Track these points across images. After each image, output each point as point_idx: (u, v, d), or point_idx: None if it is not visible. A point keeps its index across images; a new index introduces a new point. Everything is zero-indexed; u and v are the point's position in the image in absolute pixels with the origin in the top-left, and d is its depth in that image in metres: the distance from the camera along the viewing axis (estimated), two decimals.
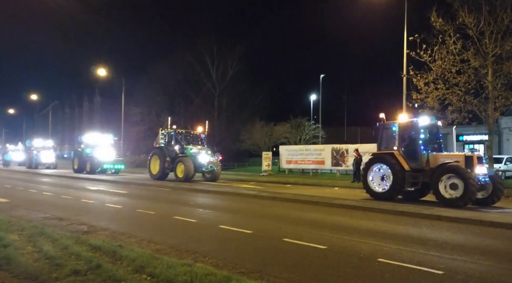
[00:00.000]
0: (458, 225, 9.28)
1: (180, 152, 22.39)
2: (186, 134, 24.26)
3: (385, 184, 13.35)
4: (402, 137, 13.69)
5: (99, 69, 41.98)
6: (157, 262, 5.38)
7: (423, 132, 13.45)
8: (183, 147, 22.63)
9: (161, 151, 22.92)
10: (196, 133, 24.53)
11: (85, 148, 30.14)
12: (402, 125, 13.72)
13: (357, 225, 9.24)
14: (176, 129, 23.84)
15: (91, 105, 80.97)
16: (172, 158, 22.33)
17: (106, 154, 28.88)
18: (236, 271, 5.32)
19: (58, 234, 7.11)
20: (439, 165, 12.52)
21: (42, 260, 5.57)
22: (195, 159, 21.66)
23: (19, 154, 44.62)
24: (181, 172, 21.17)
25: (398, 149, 13.32)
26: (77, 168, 29.75)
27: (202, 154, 22.01)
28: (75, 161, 30.43)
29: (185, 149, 22.42)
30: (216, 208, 12.20)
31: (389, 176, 13.20)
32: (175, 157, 22.22)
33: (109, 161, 28.89)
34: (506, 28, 17.24)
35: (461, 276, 5.38)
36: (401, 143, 13.56)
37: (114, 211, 11.26)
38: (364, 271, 5.56)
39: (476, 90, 18.30)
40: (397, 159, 13.06)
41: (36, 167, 35.66)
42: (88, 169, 28.58)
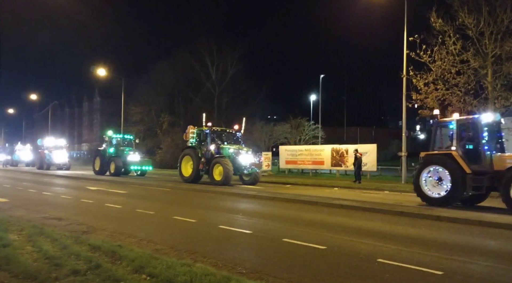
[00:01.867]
0: (457, 226, 9.29)
1: (215, 152, 20.30)
2: (221, 132, 21.87)
3: (441, 188, 11.96)
4: (460, 136, 12.24)
5: (98, 69, 41.97)
6: (156, 262, 5.38)
7: (486, 130, 12.00)
8: (219, 146, 20.53)
9: (194, 151, 20.71)
10: (232, 131, 22.16)
11: (108, 148, 27.69)
12: (461, 123, 12.33)
13: (357, 226, 9.24)
14: (211, 127, 21.33)
15: (91, 105, 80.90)
16: (207, 159, 20.21)
17: (132, 154, 26.82)
18: (236, 271, 5.32)
19: (58, 234, 7.11)
20: (509, 167, 11.06)
21: (41, 260, 5.56)
22: (235, 160, 19.56)
23: (27, 154, 42.94)
24: (219, 174, 19.10)
25: (456, 149, 11.92)
26: (98, 169, 27.34)
27: (242, 155, 19.89)
28: (97, 161, 27.88)
29: (222, 148, 20.36)
30: (216, 208, 12.19)
31: (446, 180, 11.84)
32: (210, 158, 20.06)
33: (136, 162, 26.70)
34: (505, 28, 17.29)
35: (461, 277, 5.38)
36: (459, 142, 12.14)
37: (113, 211, 11.26)
38: (363, 271, 5.56)
39: (476, 91, 18.35)
40: (456, 161, 11.68)
41: (47, 168, 33.48)
42: (112, 171, 26.14)
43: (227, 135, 21.82)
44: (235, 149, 20.22)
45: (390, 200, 13.59)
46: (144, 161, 27.53)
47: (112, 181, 22.33)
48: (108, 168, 26.67)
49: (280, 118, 42.99)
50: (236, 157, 19.68)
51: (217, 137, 21.22)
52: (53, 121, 72.16)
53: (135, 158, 26.75)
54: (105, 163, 26.89)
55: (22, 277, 4.90)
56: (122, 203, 12.81)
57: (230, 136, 21.83)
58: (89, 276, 4.87)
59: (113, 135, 29.19)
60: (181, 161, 21.40)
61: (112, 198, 14.26)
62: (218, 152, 20.21)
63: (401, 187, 19.02)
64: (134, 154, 27.13)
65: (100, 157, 27.59)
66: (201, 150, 20.65)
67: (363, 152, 24.48)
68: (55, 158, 34.05)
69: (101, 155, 27.63)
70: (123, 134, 31.13)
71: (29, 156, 42.15)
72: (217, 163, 19.33)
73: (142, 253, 5.88)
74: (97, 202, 12.92)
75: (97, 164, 27.74)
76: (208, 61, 48.45)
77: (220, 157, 19.63)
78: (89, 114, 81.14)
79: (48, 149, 34.89)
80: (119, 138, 29.31)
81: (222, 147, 20.41)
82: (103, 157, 27.35)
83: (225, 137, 21.61)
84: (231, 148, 20.22)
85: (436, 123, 12.96)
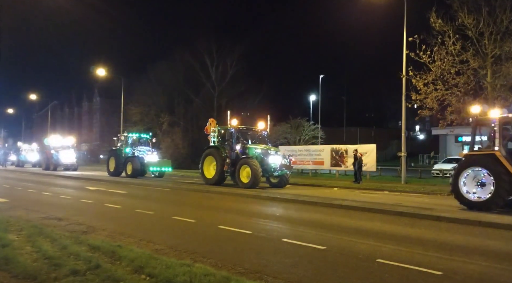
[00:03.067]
0: (457, 226, 9.29)
1: (241, 152, 18.85)
2: (246, 131, 20.36)
3: (483, 191, 11.16)
4: (503, 135, 11.37)
5: (98, 69, 41.97)
6: (156, 262, 5.37)
7: None
8: (245, 146, 19.10)
9: (217, 151, 19.24)
10: (257, 130, 20.61)
11: (124, 147, 25.88)
12: (504, 121, 11.45)
13: (356, 226, 9.24)
14: (237, 125, 19.85)
15: (91, 105, 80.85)
16: (232, 160, 18.69)
17: (150, 154, 25.16)
18: (235, 272, 5.32)
19: (57, 234, 7.10)
20: None
21: (41, 260, 5.55)
22: (263, 161, 18.02)
23: (33, 154, 41.35)
24: (247, 176, 17.61)
25: (499, 149, 11.07)
26: (113, 170, 25.47)
27: (272, 155, 18.33)
28: (111, 162, 26.00)
29: (248, 149, 18.88)
30: (215, 209, 12.19)
31: (488, 182, 11.03)
32: (236, 159, 18.60)
33: (154, 163, 24.89)
34: (505, 29, 17.30)
35: (460, 277, 5.38)
36: (502, 142, 11.28)
37: (113, 211, 11.25)
38: (363, 271, 5.56)
39: (475, 91, 18.36)
40: (500, 162, 10.86)
41: (54, 169, 31.77)
42: (129, 172, 24.26)
43: (251, 134, 20.49)
44: (264, 149, 18.75)
45: (389, 200, 13.59)
46: (163, 162, 25.79)
47: (111, 181, 22.32)
48: (124, 169, 24.94)
49: (280, 118, 42.95)
50: (264, 158, 18.19)
51: (241, 136, 19.85)
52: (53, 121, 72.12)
53: (153, 159, 25.12)
54: (121, 164, 25.15)
55: (22, 277, 4.90)
56: (121, 203, 12.80)
57: (255, 136, 20.53)
58: (89, 276, 4.86)
59: (129, 133, 27.60)
60: (203, 162, 19.76)
61: (111, 198, 14.26)
62: (244, 153, 18.78)
63: (401, 187, 19.02)
64: (152, 154, 25.51)
65: (115, 158, 25.71)
66: (224, 150, 19.22)
67: (363, 152, 24.46)
68: (63, 158, 32.35)
69: (116, 155, 25.74)
70: (139, 133, 29.11)
71: (36, 156, 40.82)
72: (244, 164, 17.85)
73: (142, 253, 5.87)
74: (97, 202, 12.91)
75: (112, 165, 25.94)
76: (208, 61, 48.47)
77: (247, 157, 18.15)
78: (88, 114, 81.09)
79: (54, 149, 33.20)
80: (135, 137, 27.41)
81: (248, 147, 18.98)
82: (118, 157, 25.52)
83: (249, 137, 20.29)
84: (258, 148, 18.75)
85: (476, 121, 12.12)
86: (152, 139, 27.32)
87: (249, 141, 19.82)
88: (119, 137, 27.63)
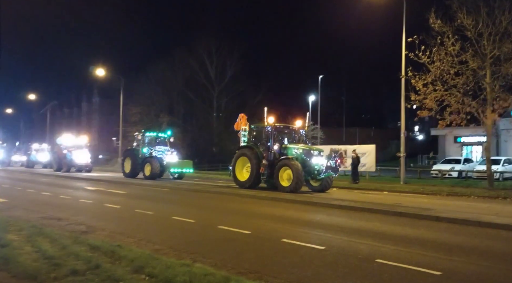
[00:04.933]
0: (456, 226, 9.30)
1: (278, 152, 17.03)
2: (283, 129, 18.52)
3: None
4: None
5: (97, 69, 41.92)
6: (156, 262, 5.38)
7: None
8: (283, 146, 17.23)
9: (251, 151, 17.31)
10: (294, 128, 19.02)
11: (142, 147, 24.24)
12: None
13: (356, 226, 9.26)
14: (274, 123, 18.14)
15: (90, 105, 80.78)
16: (270, 161, 16.81)
17: (170, 154, 23.63)
18: (235, 272, 5.32)
19: (57, 234, 7.10)
20: None
21: (40, 260, 5.55)
22: (305, 162, 16.13)
23: (44, 155, 38.74)
24: (288, 179, 15.82)
25: None
26: (129, 172, 23.84)
27: (315, 156, 16.51)
28: (127, 163, 24.24)
29: (286, 149, 17.01)
30: (215, 209, 12.20)
31: None
32: (274, 160, 16.76)
33: (175, 163, 23.38)
34: (504, 30, 17.30)
35: (459, 277, 5.40)
36: None
37: (113, 211, 11.25)
38: (362, 271, 5.57)
39: (474, 92, 18.36)
40: None
41: (67, 170, 29.74)
42: (147, 173, 22.62)
43: (288, 133, 18.56)
44: (305, 149, 16.86)
45: (389, 201, 13.60)
46: (184, 163, 24.06)
47: (111, 181, 22.31)
48: (141, 170, 23.33)
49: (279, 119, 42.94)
50: (306, 159, 16.30)
51: (278, 135, 17.97)
52: (52, 121, 72.01)
53: (173, 159, 23.53)
54: (138, 164, 23.52)
55: (21, 277, 4.90)
56: (121, 203, 12.81)
57: (291, 134, 18.55)
58: (89, 276, 4.86)
59: (147, 132, 25.88)
60: (235, 163, 17.84)
61: (111, 198, 14.26)
62: (281, 153, 16.98)
63: (400, 187, 19.03)
64: (172, 154, 23.86)
65: (132, 158, 24.02)
66: (259, 150, 17.34)
67: (362, 152, 24.48)
68: (76, 158, 30.19)
69: (133, 156, 24.06)
70: (157, 132, 26.97)
71: (46, 156, 38.24)
72: (284, 166, 16.00)
73: (142, 253, 5.88)
74: (96, 202, 12.92)
75: (128, 166, 24.08)
76: (207, 61, 48.52)
77: (286, 158, 16.28)
78: (87, 114, 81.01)
79: (67, 149, 30.88)
80: (152, 136, 25.50)
81: (287, 147, 17.08)
82: (135, 157, 23.83)
83: (285, 136, 18.33)
84: (299, 148, 16.86)
85: None
86: (170, 139, 25.61)
87: (284, 141, 17.88)
88: (135, 136, 25.70)
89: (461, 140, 37.00)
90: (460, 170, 27.34)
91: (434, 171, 28.51)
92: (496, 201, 14.72)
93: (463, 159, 30.60)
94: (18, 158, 45.39)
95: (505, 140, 31.69)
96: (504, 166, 26.49)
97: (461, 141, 37.04)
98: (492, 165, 19.80)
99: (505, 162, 26.89)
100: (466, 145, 37.20)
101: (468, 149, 37.30)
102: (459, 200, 14.85)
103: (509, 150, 31.52)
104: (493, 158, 22.13)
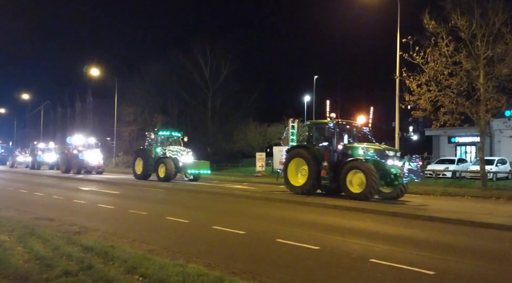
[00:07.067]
0: (449, 226, 9.35)
1: (340, 153, 14.62)
2: (345, 125, 15.93)
3: None
4: None
5: (92, 69, 41.76)
6: (149, 262, 5.35)
7: None
8: (348, 145, 14.83)
9: (308, 151, 14.96)
10: (357, 125, 16.78)
11: (155, 147, 22.98)
12: None
13: (350, 226, 9.27)
14: (336, 119, 15.87)
15: (84, 105, 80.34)
16: (333, 163, 14.45)
17: (185, 155, 22.28)
18: (229, 272, 5.31)
19: (49, 235, 7.05)
20: None
21: (32, 260, 5.51)
22: (378, 165, 13.54)
23: (51, 155, 36.59)
24: (360, 185, 13.36)
25: None
26: (140, 173, 22.65)
27: (391, 158, 13.95)
28: (138, 163, 23.01)
29: (352, 148, 14.53)
30: (209, 209, 12.18)
31: None
32: (338, 161, 14.45)
33: (191, 165, 22.04)
34: (497, 31, 17.44)
35: (452, 276, 5.42)
36: None
37: (106, 211, 11.19)
38: (356, 271, 5.58)
39: (468, 92, 18.48)
40: None
41: (78, 172, 28.04)
42: (161, 175, 21.25)
43: (349, 130, 16.02)
44: (378, 149, 14.40)
45: (382, 201, 13.63)
46: (201, 164, 22.81)
47: (104, 181, 22.18)
48: (155, 172, 22.04)
49: (274, 119, 42.99)
50: (380, 160, 13.80)
51: (341, 132, 15.54)
52: (45, 121, 71.60)
53: (189, 160, 22.17)
54: (150, 165, 22.32)
55: (13, 278, 4.86)
56: (114, 203, 12.74)
57: (353, 132, 16.15)
58: (81, 277, 4.84)
59: (160, 131, 24.74)
60: (287, 165, 15.41)
61: (104, 198, 14.19)
62: (345, 153, 14.54)
63: None
64: (188, 155, 22.37)
65: (143, 158, 22.74)
66: (318, 150, 14.95)
67: None
68: (88, 159, 28.50)
69: (145, 156, 22.74)
70: (170, 131, 25.57)
71: (53, 157, 36.05)
72: (354, 169, 13.56)
73: (135, 253, 5.85)
74: (90, 203, 12.84)
75: (139, 167, 22.84)
76: (202, 62, 48.42)
77: (355, 160, 13.83)
78: (81, 114, 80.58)
79: (77, 149, 29.19)
80: (164, 135, 24.23)
81: (352, 147, 14.68)
82: (147, 158, 22.53)
83: (347, 133, 15.83)
84: (369, 148, 14.37)
85: None
86: (184, 138, 24.22)
87: (344, 139, 15.43)
88: (147, 136, 24.35)
89: (455, 141, 37.21)
90: (454, 170, 27.49)
91: (428, 171, 28.66)
92: (489, 201, 14.83)
93: (457, 159, 30.80)
94: (23, 159, 43.12)
95: (498, 141, 31.88)
96: (498, 166, 26.69)
97: (455, 141, 37.25)
98: (485, 165, 19.94)
99: (498, 162, 27.09)
100: (460, 145, 37.42)
101: (462, 149, 37.53)
102: (452, 200, 14.93)
103: (503, 150, 31.73)
104: (486, 158, 22.27)
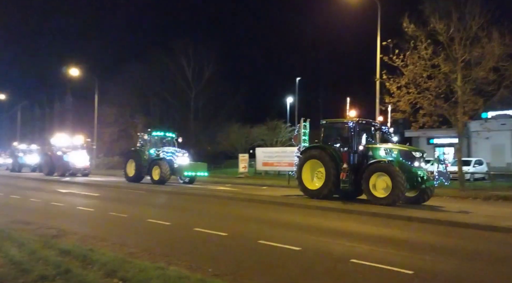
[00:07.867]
0: (428, 226, 9.52)
1: (360, 154, 13.58)
2: (365, 125, 14.73)
3: None
4: None
5: (71, 68, 40.97)
6: (129, 265, 5.27)
7: None
8: (369, 146, 13.80)
9: (324, 152, 13.74)
10: (375, 124, 15.60)
11: (148, 148, 21.85)
12: None
13: (331, 227, 9.35)
14: (357, 118, 14.97)
15: (63, 105, 78.77)
16: (353, 165, 13.31)
17: (181, 156, 21.34)
18: (210, 274, 5.28)
19: (25, 239, 6.86)
20: None
21: (7, 265, 5.36)
22: (404, 167, 12.50)
23: (33, 157, 34.67)
24: (385, 189, 12.33)
25: None
26: (133, 176, 21.53)
27: (417, 159, 13.01)
28: (130, 165, 21.89)
29: (373, 149, 13.53)
30: (191, 211, 12.09)
31: None
32: (359, 164, 13.36)
33: (188, 166, 21.20)
34: (474, 35, 17.85)
35: (430, 276, 5.52)
36: None
37: (85, 214, 10.98)
38: (337, 272, 5.63)
39: (446, 95, 18.85)
40: None
41: (62, 174, 26.58)
42: (156, 177, 20.32)
43: (368, 129, 14.88)
44: (403, 150, 13.53)
45: (363, 201, 13.77)
46: (198, 165, 21.96)
47: (84, 183, 21.79)
48: (148, 174, 21.09)
49: (257, 120, 43.02)
50: (405, 162, 12.88)
51: (360, 132, 14.26)
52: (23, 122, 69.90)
53: (185, 161, 21.36)
54: (143, 167, 21.28)
55: None
56: (94, 206, 12.53)
57: (371, 131, 15.11)
58: (58, 281, 4.73)
59: (154, 132, 23.50)
60: (301, 167, 14.18)
61: (84, 201, 13.94)
62: (364, 154, 13.54)
63: None
64: (183, 156, 21.54)
65: (136, 160, 21.71)
66: (335, 151, 13.80)
67: None
68: (74, 161, 26.91)
69: (137, 158, 21.69)
70: (164, 131, 24.36)
71: (35, 159, 34.29)
72: (378, 171, 12.56)
73: (115, 257, 5.76)
74: (68, 205, 12.58)
75: (131, 169, 21.78)
76: (184, 62, 48.09)
77: (378, 162, 12.87)
78: (60, 114, 78.96)
79: (61, 150, 27.63)
80: (157, 136, 23.10)
81: (373, 147, 13.70)
82: (140, 160, 21.48)
83: (365, 133, 14.64)
84: (393, 149, 13.39)
85: None
86: (179, 139, 23.22)
87: (363, 139, 14.31)
88: (141, 136, 23.14)
89: (434, 142, 37.96)
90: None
91: None
92: (466, 201, 15.17)
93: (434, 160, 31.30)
94: (2, 161, 41.37)
95: (475, 142, 32.66)
96: (475, 167, 27.27)
97: (434, 142, 38.00)
98: (463, 166, 20.38)
99: (475, 163, 27.69)
100: (438, 146, 38.19)
101: (440, 150, 38.32)
102: (430, 200, 15.18)
103: (480, 151, 32.51)
104: (464, 159, 22.77)
